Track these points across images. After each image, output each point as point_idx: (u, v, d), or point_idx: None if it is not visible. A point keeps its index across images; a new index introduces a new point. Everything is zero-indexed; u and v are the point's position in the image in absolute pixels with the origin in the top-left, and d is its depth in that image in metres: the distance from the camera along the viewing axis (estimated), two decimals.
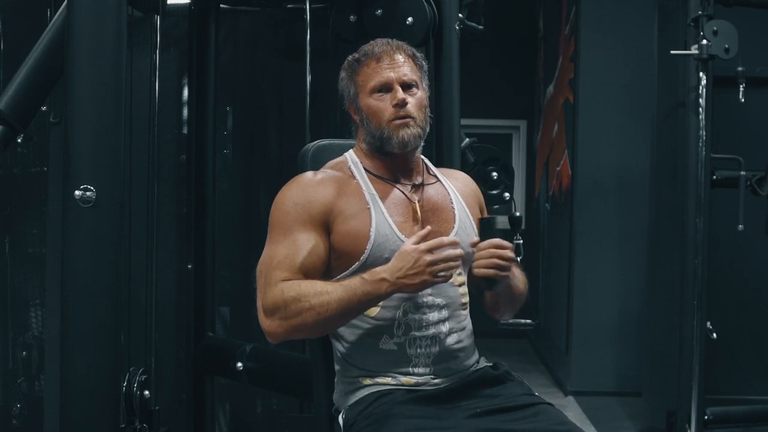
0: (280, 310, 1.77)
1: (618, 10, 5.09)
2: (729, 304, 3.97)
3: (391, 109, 1.89)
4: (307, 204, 1.86)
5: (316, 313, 1.75)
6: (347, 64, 1.98)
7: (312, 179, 1.91)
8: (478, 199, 2.08)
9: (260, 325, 1.81)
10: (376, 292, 1.76)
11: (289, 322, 1.77)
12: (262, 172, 3.56)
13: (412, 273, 1.74)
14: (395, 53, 1.92)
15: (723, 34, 3.47)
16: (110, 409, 2.23)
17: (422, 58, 1.98)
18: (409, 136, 1.89)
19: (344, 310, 1.76)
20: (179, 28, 3.28)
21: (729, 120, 3.84)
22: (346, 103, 1.99)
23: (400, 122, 1.89)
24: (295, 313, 1.76)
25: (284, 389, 3.10)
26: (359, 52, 1.96)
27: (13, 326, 3.15)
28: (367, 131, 1.93)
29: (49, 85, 2.40)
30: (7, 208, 3.18)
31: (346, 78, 1.97)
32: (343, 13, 2.82)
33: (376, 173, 1.94)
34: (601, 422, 4.50)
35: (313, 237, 1.84)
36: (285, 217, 1.86)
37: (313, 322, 1.76)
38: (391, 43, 1.94)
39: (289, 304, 1.76)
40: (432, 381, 1.87)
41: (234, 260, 3.50)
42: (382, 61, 1.90)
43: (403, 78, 1.90)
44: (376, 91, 1.90)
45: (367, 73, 1.91)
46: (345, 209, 1.87)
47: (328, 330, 1.88)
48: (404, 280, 1.74)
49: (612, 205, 5.09)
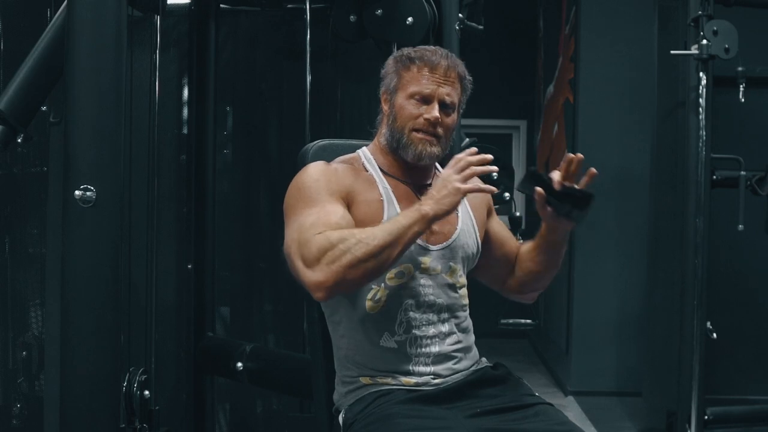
0: (327, 254, 1.72)
1: (618, 10, 5.09)
2: (729, 304, 3.96)
3: (421, 120, 1.88)
4: (327, 181, 1.85)
5: (365, 246, 1.71)
6: (401, 55, 1.94)
7: (326, 165, 1.91)
8: (483, 199, 2.09)
9: (305, 282, 1.75)
10: (418, 220, 1.75)
11: (338, 264, 1.71)
12: (262, 172, 3.56)
13: (443, 193, 1.75)
14: (449, 70, 1.90)
15: (723, 34, 3.47)
16: (110, 409, 2.22)
17: (470, 83, 1.97)
18: (427, 154, 1.90)
19: (391, 238, 1.73)
20: (179, 28, 3.28)
21: (729, 120, 3.84)
22: (382, 90, 1.96)
23: (422, 136, 1.89)
24: (344, 251, 1.71)
25: (284, 389, 3.10)
26: (417, 50, 1.93)
27: (13, 326, 3.15)
28: (390, 127, 1.92)
29: (49, 85, 2.40)
30: (7, 208, 3.19)
31: (393, 68, 1.94)
32: (343, 13, 2.81)
33: (388, 171, 1.94)
34: (601, 422, 4.50)
35: (341, 207, 1.83)
36: (307, 191, 1.83)
37: (362, 257, 1.71)
38: (449, 57, 1.92)
39: (336, 244, 1.72)
40: (432, 381, 1.88)
41: (234, 260, 3.50)
42: (435, 72, 1.89)
43: (445, 98, 1.89)
44: (414, 97, 1.89)
45: (415, 75, 1.89)
46: (359, 196, 1.87)
47: (376, 267, 1.75)
48: (437, 204, 1.75)
49: (612, 205, 5.09)
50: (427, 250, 1.90)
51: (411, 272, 1.88)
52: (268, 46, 3.56)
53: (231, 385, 3.33)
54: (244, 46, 3.60)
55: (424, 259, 1.89)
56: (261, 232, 3.48)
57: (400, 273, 1.87)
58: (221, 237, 3.28)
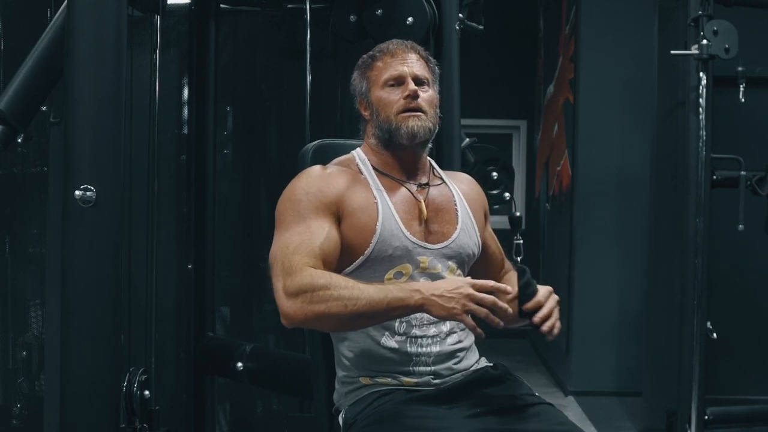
0: (306, 294, 1.72)
1: (618, 10, 5.09)
2: (729, 304, 3.96)
3: (402, 101, 1.90)
4: (318, 193, 1.86)
5: (343, 305, 1.70)
6: (360, 62, 1.99)
7: (322, 171, 1.91)
8: (482, 202, 2.09)
9: (278, 305, 1.76)
10: (407, 300, 1.70)
11: (311, 308, 1.72)
12: (262, 172, 3.57)
13: (447, 296, 1.68)
14: (410, 51, 1.95)
15: (723, 34, 3.47)
16: (110, 409, 2.22)
17: (435, 64, 2.00)
18: (419, 128, 1.90)
19: (372, 310, 1.71)
20: (179, 28, 3.28)
21: (729, 120, 3.83)
22: (357, 100, 2.00)
23: (409, 114, 1.90)
24: (322, 299, 1.71)
25: (284, 389, 3.10)
26: (373, 50, 1.98)
27: (13, 326, 3.15)
28: (377, 124, 1.94)
29: (49, 85, 2.40)
30: (7, 208, 3.19)
31: (359, 76, 1.99)
32: (343, 13, 2.81)
33: (384, 170, 1.94)
34: (601, 422, 4.50)
35: (327, 224, 1.83)
36: (297, 205, 1.85)
37: (336, 313, 1.71)
38: (405, 42, 1.97)
39: (317, 290, 1.71)
40: (432, 381, 1.88)
41: (234, 260, 3.50)
42: (396, 57, 1.93)
43: (416, 73, 1.92)
44: (388, 84, 1.92)
45: (380, 67, 1.94)
46: (353, 202, 1.87)
47: (346, 327, 1.82)
48: (437, 299, 1.69)
49: (612, 205, 5.09)
50: (426, 249, 1.90)
51: (409, 272, 1.88)
52: (268, 46, 3.56)
53: (231, 385, 3.33)
54: (244, 46, 3.60)
55: (422, 258, 1.89)
56: (261, 232, 3.48)
57: (398, 273, 1.87)
58: (221, 237, 3.28)
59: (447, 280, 1.74)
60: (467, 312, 1.68)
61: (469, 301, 1.67)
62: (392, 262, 1.87)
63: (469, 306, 1.67)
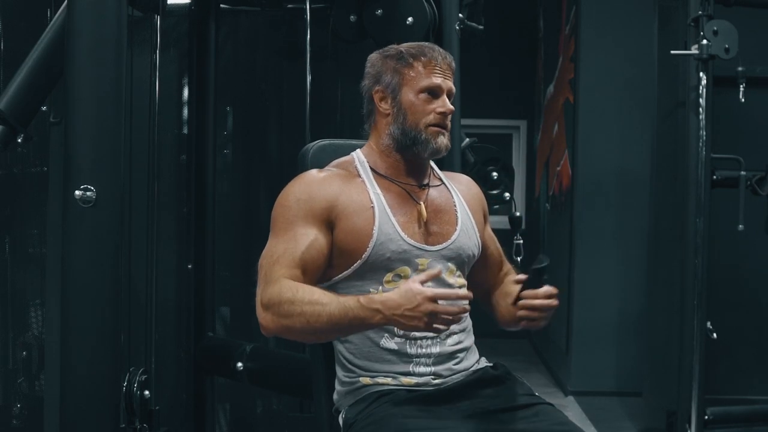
0: (274, 307, 1.76)
1: (618, 10, 5.09)
2: (729, 304, 3.95)
3: (435, 116, 1.90)
4: (309, 199, 1.85)
5: (305, 321, 1.73)
6: (394, 52, 1.94)
7: (316, 176, 1.91)
8: (481, 203, 2.09)
9: (257, 313, 1.80)
10: (368, 320, 1.72)
11: (280, 321, 1.76)
12: (262, 173, 3.57)
13: (408, 315, 1.69)
14: (447, 62, 1.94)
15: (723, 34, 3.46)
16: (110, 409, 2.23)
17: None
18: (444, 146, 1.92)
19: (333, 326, 1.74)
20: (179, 28, 3.28)
21: (729, 120, 3.83)
22: (374, 88, 1.94)
23: (438, 130, 1.91)
24: (287, 314, 1.74)
25: (284, 389, 3.10)
26: (412, 47, 1.94)
27: (13, 326, 3.15)
28: (399, 126, 1.92)
29: (49, 85, 2.40)
30: (7, 208, 3.19)
31: (389, 68, 1.93)
32: (343, 13, 2.81)
33: (383, 173, 1.94)
34: (601, 422, 4.50)
35: (313, 232, 1.84)
36: (287, 212, 1.86)
37: (300, 328, 1.75)
38: (446, 53, 1.95)
39: (282, 304, 1.75)
40: (432, 381, 1.87)
41: (234, 260, 3.50)
42: (437, 66, 1.91)
43: (451, 89, 1.93)
44: (424, 92, 1.90)
45: (419, 71, 1.91)
46: (348, 206, 1.86)
47: (314, 340, 1.90)
48: (399, 318, 1.69)
49: (612, 205, 5.09)
50: (425, 251, 1.90)
51: (408, 275, 1.87)
52: (268, 46, 3.56)
53: (231, 385, 3.33)
54: (244, 46, 3.60)
55: (421, 260, 1.89)
56: (261, 232, 3.47)
57: (396, 276, 1.87)
58: (221, 237, 3.28)
59: (404, 292, 1.70)
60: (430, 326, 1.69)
61: (432, 317, 1.68)
62: (390, 266, 1.87)
63: (433, 321, 1.69)
